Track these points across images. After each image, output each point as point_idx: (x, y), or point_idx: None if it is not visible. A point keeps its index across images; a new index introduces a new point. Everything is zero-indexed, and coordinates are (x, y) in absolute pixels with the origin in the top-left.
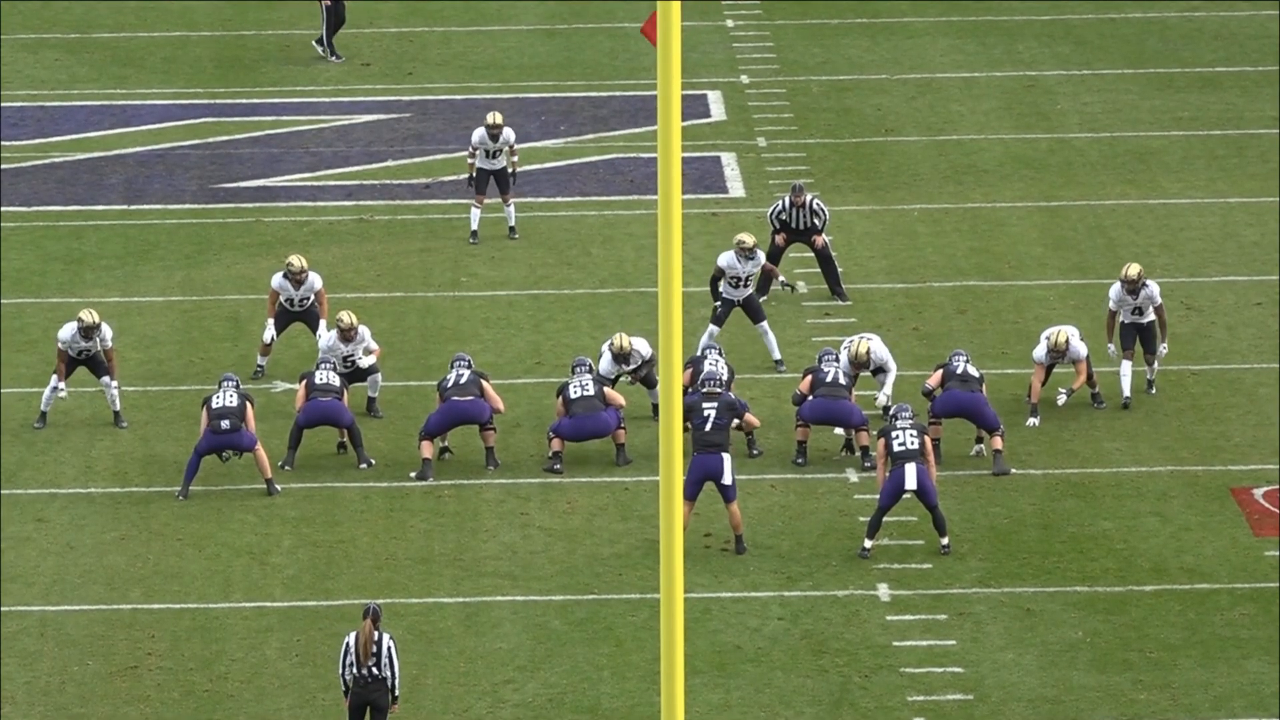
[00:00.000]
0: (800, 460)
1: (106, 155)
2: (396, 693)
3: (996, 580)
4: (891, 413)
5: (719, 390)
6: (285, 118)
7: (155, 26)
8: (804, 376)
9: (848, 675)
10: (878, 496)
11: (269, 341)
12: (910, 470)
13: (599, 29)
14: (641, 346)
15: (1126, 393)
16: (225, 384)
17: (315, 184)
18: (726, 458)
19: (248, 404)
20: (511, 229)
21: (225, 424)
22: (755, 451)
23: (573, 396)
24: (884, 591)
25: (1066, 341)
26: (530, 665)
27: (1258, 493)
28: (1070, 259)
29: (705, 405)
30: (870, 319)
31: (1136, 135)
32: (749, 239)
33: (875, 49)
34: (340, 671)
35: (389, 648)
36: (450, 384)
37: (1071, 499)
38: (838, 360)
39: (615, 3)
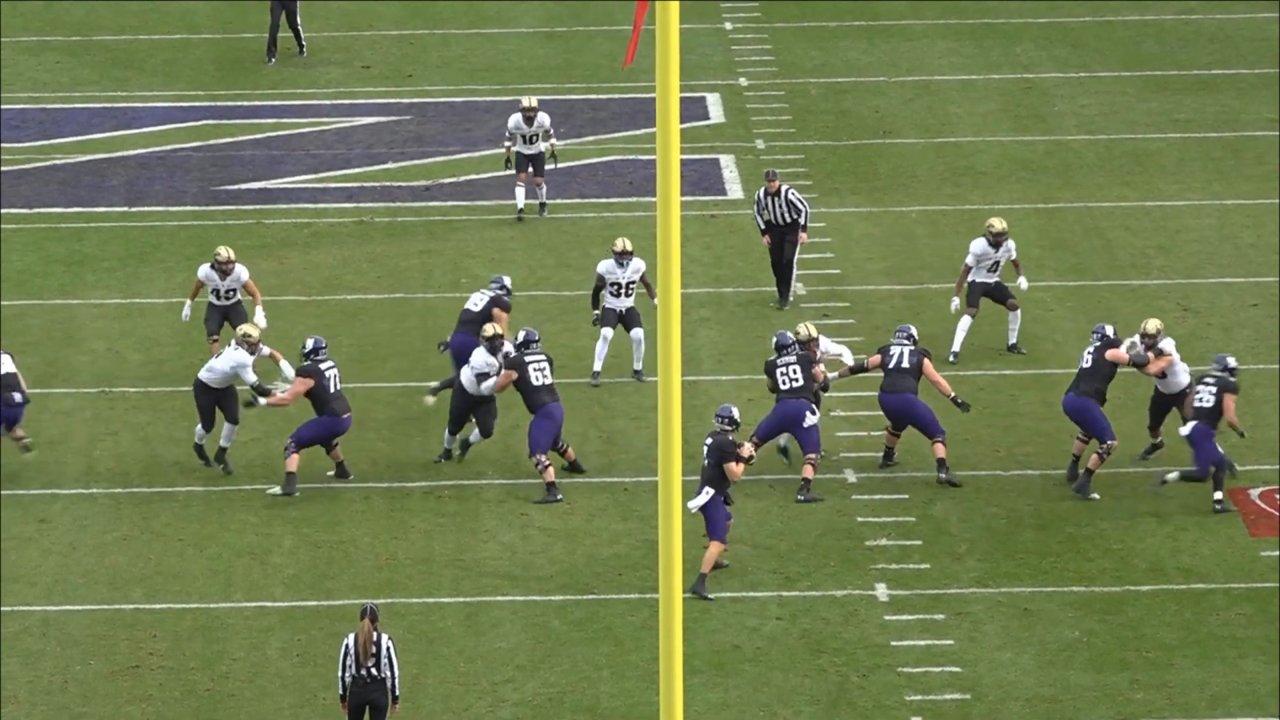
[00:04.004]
0: (786, 460)
1: (108, 157)
2: (397, 693)
3: (994, 580)
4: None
5: (738, 423)
6: (286, 120)
7: (156, 29)
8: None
9: (845, 674)
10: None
11: (185, 315)
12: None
13: (598, 31)
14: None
15: (956, 348)
16: None
17: (316, 186)
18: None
19: None
20: (542, 205)
21: None
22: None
23: (535, 384)
24: (882, 591)
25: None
26: (530, 665)
27: (1254, 493)
28: (1068, 260)
29: (709, 438)
30: (868, 320)
31: (1133, 137)
32: (625, 243)
33: (873, 51)
34: (339, 674)
35: (388, 648)
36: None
37: (1068, 499)
38: (793, 357)
39: (614, 5)
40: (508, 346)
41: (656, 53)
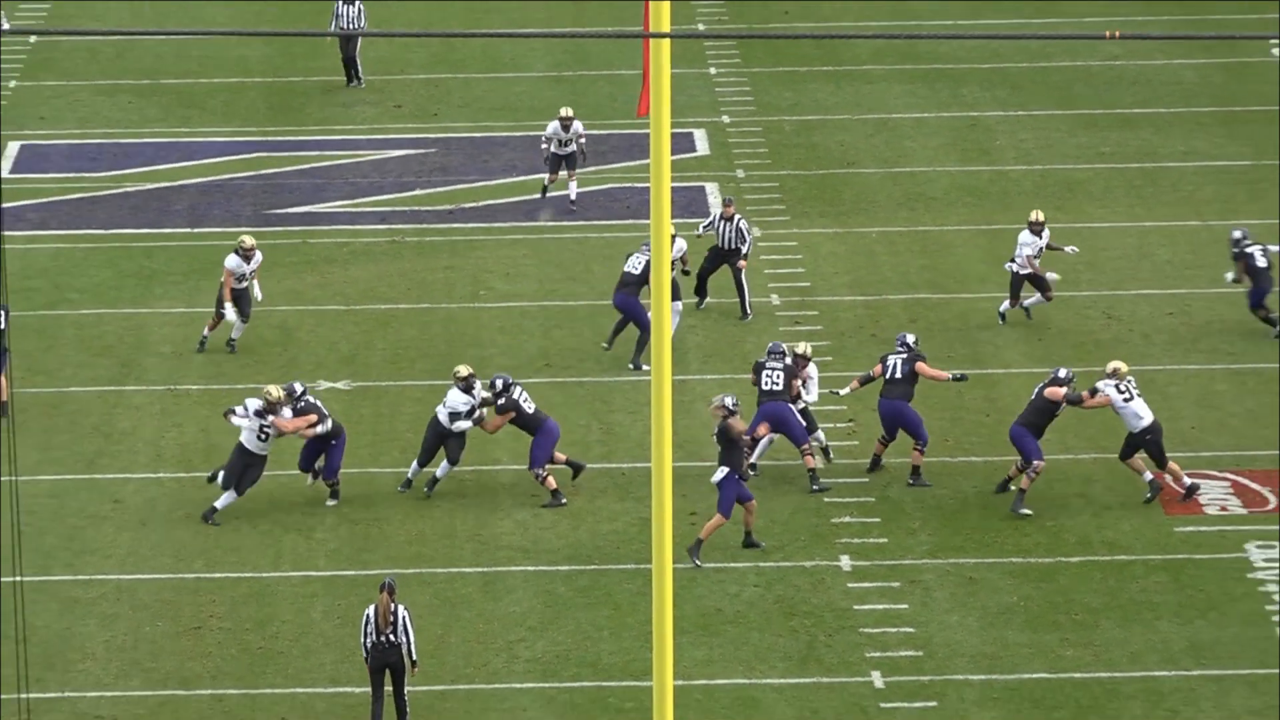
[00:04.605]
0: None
1: (173, 185)
2: (414, 657)
3: (943, 552)
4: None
5: (733, 411)
6: (328, 152)
7: (215, 73)
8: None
9: (814, 634)
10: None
11: (230, 318)
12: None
13: (599, 75)
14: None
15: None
16: None
17: (353, 210)
18: (720, 472)
19: None
20: (572, 201)
21: None
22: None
23: (531, 412)
24: (846, 562)
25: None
26: (540, 626)
27: (1169, 477)
28: (1007, 276)
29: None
30: (835, 327)
31: (1065, 167)
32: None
33: (839, 93)
34: (362, 640)
35: (404, 617)
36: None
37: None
38: (779, 365)
39: (613, 54)
40: (479, 387)
41: (650, 95)
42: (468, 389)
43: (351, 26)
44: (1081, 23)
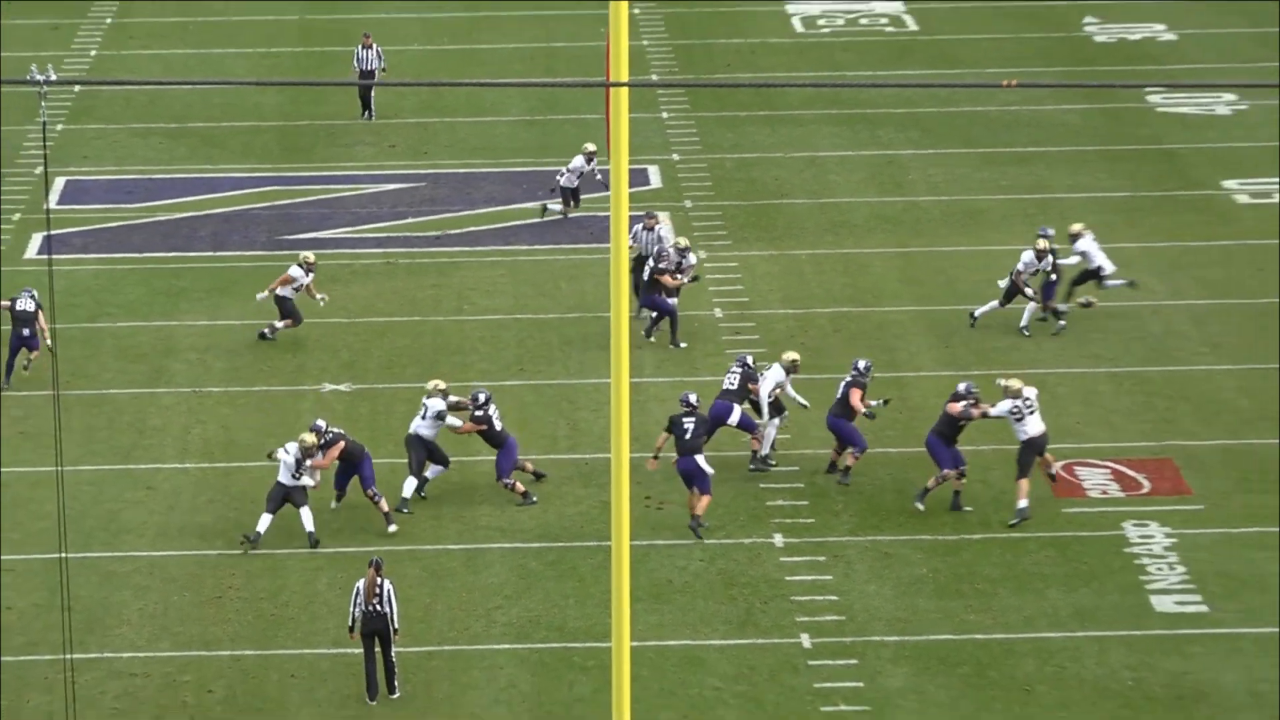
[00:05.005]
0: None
1: (198, 215)
2: (396, 625)
3: (863, 531)
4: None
5: (695, 406)
6: (332, 186)
7: (235, 118)
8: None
9: (751, 602)
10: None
11: (278, 325)
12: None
13: (567, 119)
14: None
15: (979, 313)
16: (24, 293)
17: (354, 236)
18: (699, 458)
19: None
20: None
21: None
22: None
23: (498, 429)
24: (779, 539)
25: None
26: (514, 595)
27: (1057, 466)
28: (918, 292)
29: (685, 419)
30: (769, 337)
31: (969, 198)
32: (685, 240)
33: (774, 134)
34: (351, 609)
35: (389, 590)
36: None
37: (918, 470)
38: (739, 370)
39: (580, 101)
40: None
41: (610, 136)
42: (445, 396)
43: (369, 68)
44: (982, 73)
